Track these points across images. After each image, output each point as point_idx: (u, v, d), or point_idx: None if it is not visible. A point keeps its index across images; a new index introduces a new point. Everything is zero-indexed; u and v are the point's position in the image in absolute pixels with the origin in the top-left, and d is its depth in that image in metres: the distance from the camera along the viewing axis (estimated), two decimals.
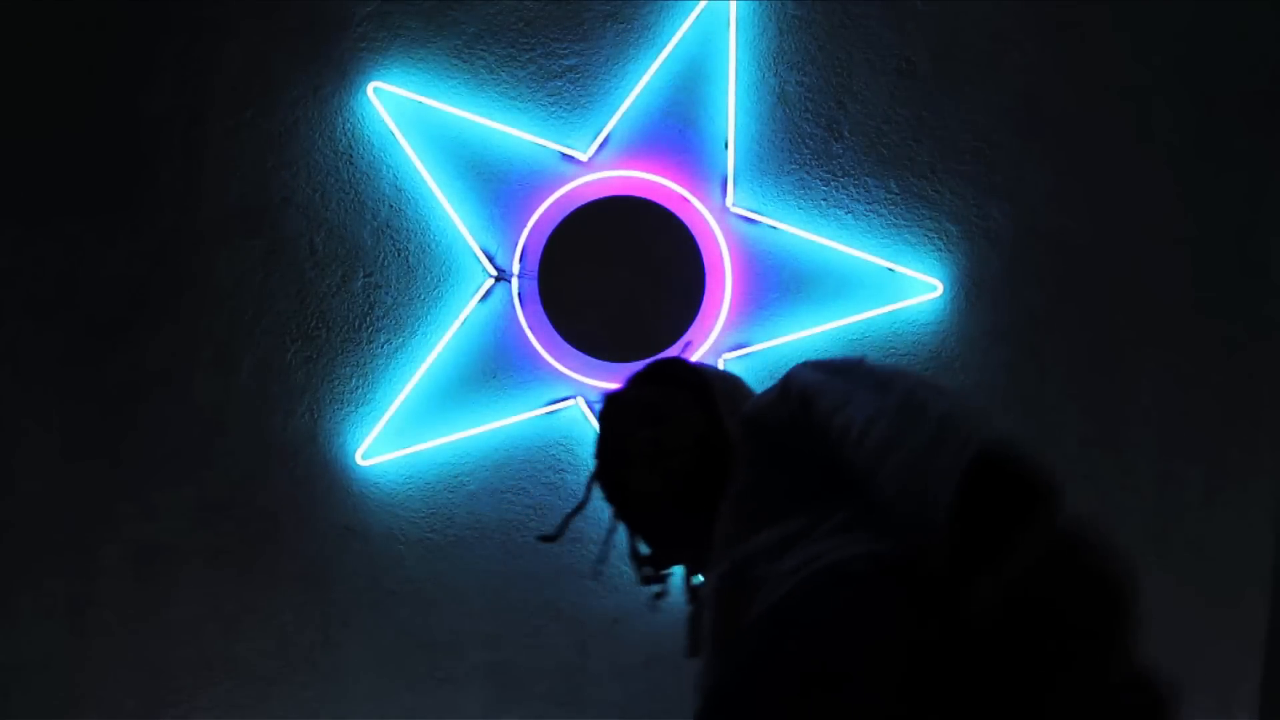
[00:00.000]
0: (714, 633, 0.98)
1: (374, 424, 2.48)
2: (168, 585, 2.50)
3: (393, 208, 2.51)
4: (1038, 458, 0.84)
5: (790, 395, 1.03)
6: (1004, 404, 2.50)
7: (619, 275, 2.51)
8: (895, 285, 2.46)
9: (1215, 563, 2.49)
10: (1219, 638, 2.49)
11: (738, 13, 2.45)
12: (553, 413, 2.50)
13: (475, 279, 2.50)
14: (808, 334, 2.46)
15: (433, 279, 2.51)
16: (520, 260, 2.48)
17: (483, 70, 2.50)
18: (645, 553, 1.29)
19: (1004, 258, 2.50)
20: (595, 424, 1.31)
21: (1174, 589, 2.43)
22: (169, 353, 2.51)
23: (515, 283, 2.48)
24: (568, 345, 2.49)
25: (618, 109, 2.47)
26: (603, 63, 2.50)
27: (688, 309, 2.49)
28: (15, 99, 2.51)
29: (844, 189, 2.50)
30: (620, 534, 1.30)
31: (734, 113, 2.46)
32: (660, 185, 2.46)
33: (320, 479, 2.50)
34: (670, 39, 2.45)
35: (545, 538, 1.39)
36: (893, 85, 2.49)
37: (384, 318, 2.52)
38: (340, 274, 2.51)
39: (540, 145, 2.47)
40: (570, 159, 2.47)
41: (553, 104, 2.50)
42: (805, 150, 2.50)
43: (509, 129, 2.47)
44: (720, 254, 2.47)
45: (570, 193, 2.46)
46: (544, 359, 2.48)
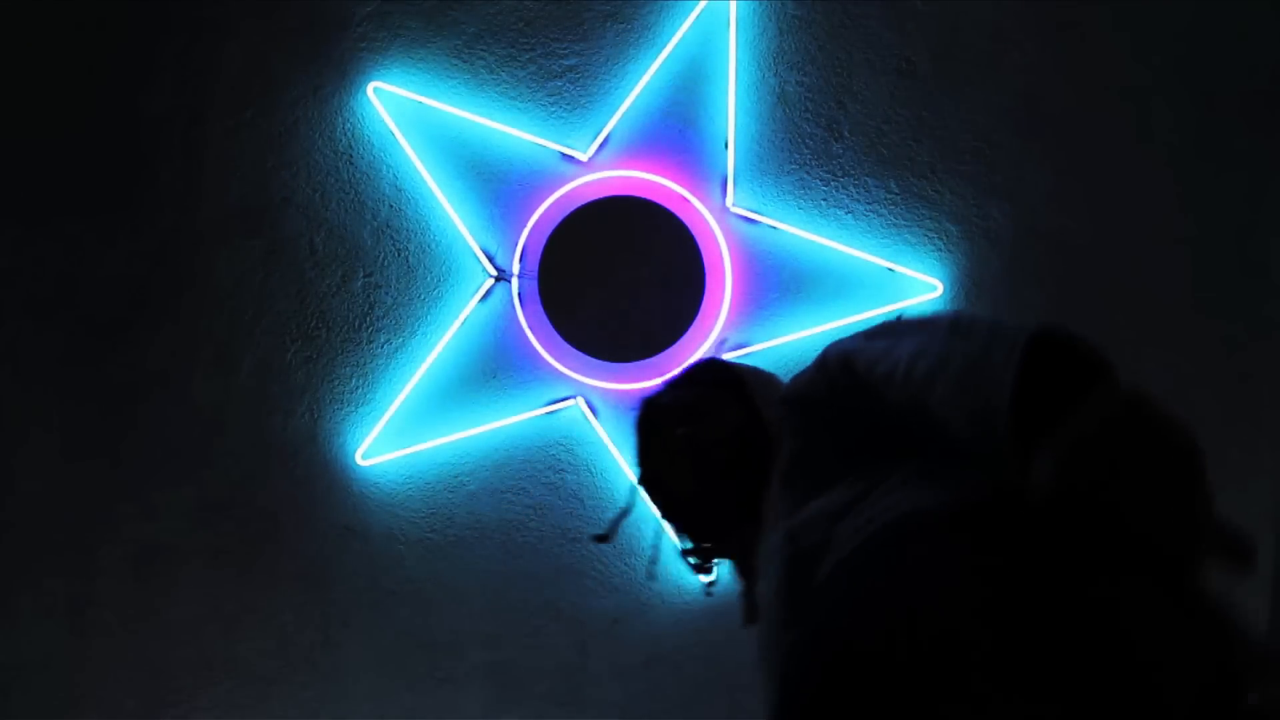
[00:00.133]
0: (781, 599, 0.98)
1: (374, 424, 2.48)
2: (168, 585, 2.50)
3: (393, 208, 2.51)
4: (1090, 341, 0.82)
5: (829, 365, 1.03)
6: None
7: (619, 275, 2.51)
8: (895, 285, 2.46)
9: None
10: None
11: (738, 13, 2.45)
12: (553, 413, 2.50)
13: (475, 279, 2.50)
14: (808, 334, 2.46)
15: (433, 279, 2.51)
16: (520, 260, 2.48)
17: (483, 70, 2.50)
18: (693, 548, 1.31)
19: (1004, 258, 2.50)
20: (633, 432, 1.33)
21: None
22: (169, 353, 2.51)
23: (515, 283, 2.48)
24: (568, 345, 2.49)
25: (618, 109, 2.47)
26: (603, 63, 2.50)
27: (688, 309, 2.49)
28: (15, 99, 2.51)
29: (844, 189, 2.50)
30: (663, 531, 1.33)
31: (734, 113, 2.46)
32: (660, 185, 2.46)
33: (320, 479, 2.50)
34: (670, 39, 2.45)
35: (599, 537, 1.42)
36: (893, 85, 2.49)
37: (384, 318, 2.52)
38: (340, 274, 2.51)
39: (540, 145, 2.47)
40: (570, 159, 2.47)
41: (553, 104, 2.50)
42: (805, 150, 2.50)
43: (509, 129, 2.47)
44: (720, 254, 2.47)
45: (570, 193, 2.46)
46: (544, 359, 2.48)
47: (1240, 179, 2.50)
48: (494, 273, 2.49)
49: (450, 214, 2.48)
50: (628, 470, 2.49)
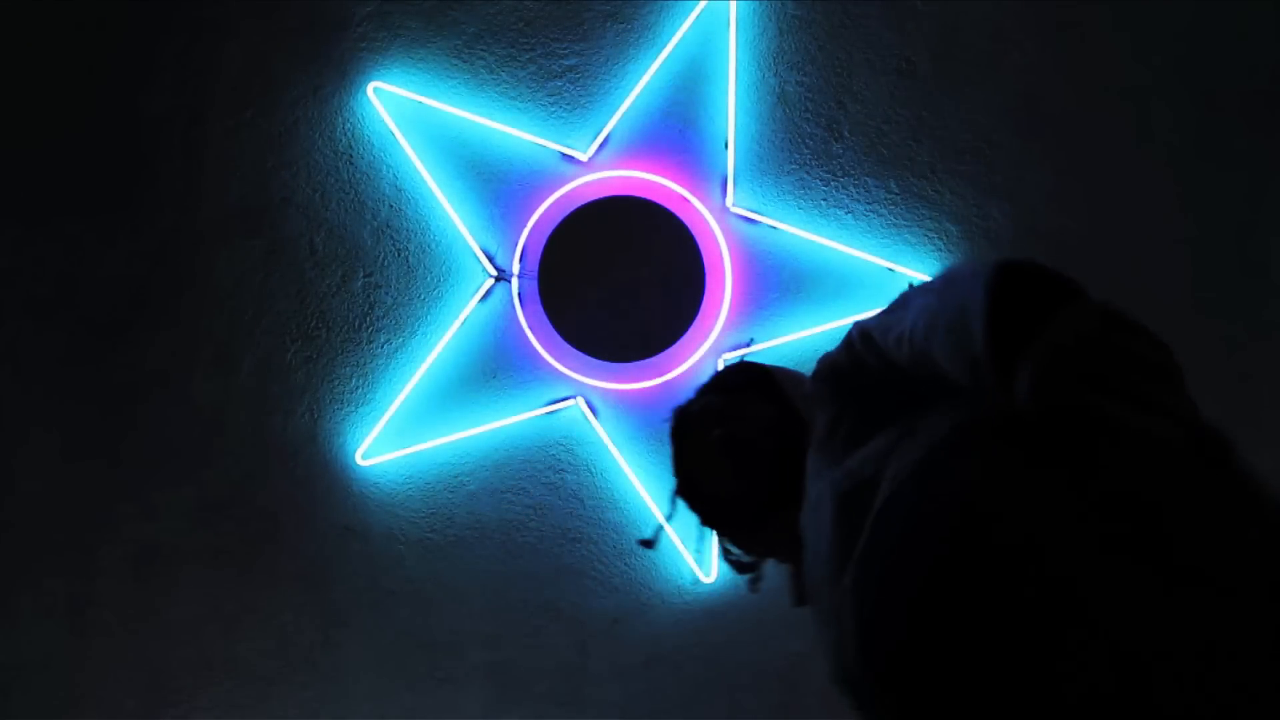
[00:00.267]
0: (837, 543, 0.98)
1: (374, 424, 2.48)
2: (168, 585, 2.50)
3: (393, 208, 2.51)
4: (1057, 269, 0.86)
5: (853, 341, 1.07)
6: None
7: (619, 275, 2.51)
8: (895, 285, 2.46)
9: None
10: None
11: (738, 13, 2.45)
12: (553, 413, 2.50)
13: (475, 279, 2.50)
14: (808, 334, 2.46)
15: (433, 279, 2.51)
16: (520, 260, 2.48)
17: (483, 70, 2.50)
18: (737, 550, 1.32)
19: None
20: (668, 442, 1.35)
21: None
22: (169, 353, 2.51)
23: (515, 283, 2.48)
24: (568, 345, 2.49)
25: (618, 109, 2.47)
26: (603, 63, 2.50)
27: (688, 309, 2.49)
28: (15, 99, 2.51)
29: (844, 189, 2.50)
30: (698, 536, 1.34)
31: (734, 113, 2.46)
32: (660, 185, 2.46)
33: (320, 479, 2.50)
34: (670, 39, 2.45)
35: (644, 542, 1.42)
36: (893, 85, 2.49)
37: (384, 318, 2.52)
38: (340, 274, 2.51)
39: (540, 145, 2.47)
40: (570, 159, 2.47)
41: (553, 104, 2.50)
42: (805, 150, 2.50)
43: (509, 129, 2.47)
44: (720, 254, 2.47)
45: (570, 193, 2.46)
46: (544, 359, 2.48)
47: (1240, 179, 2.50)
48: (494, 273, 2.49)
49: (450, 214, 2.48)
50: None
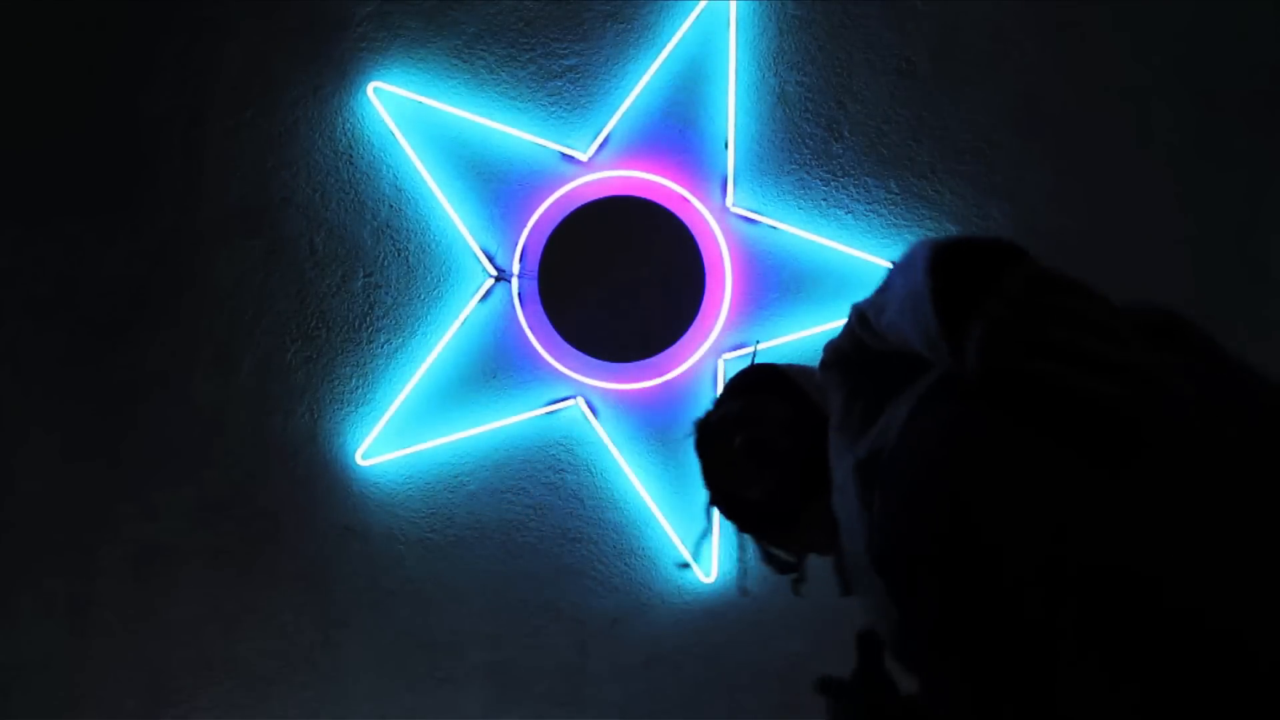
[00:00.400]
0: (865, 524, 0.99)
1: (374, 424, 2.48)
2: (168, 585, 2.50)
3: (393, 208, 2.51)
4: (991, 236, 0.88)
5: (851, 323, 1.10)
6: None
7: (619, 275, 2.51)
8: None
9: None
10: None
11: (738, 13, 2.45)
12: (553, 413, 2.50)
13: (475, 279, 2.50)
14: (808, 334, 2.46)
15: (433, 279, 2.51)
16: (520, 260, 2.48)
17: (483, 70, 2.50)
18: (778, 551, 1.33)
19: None
20: (696, 457, 1.36)
21: None
22: (169, 353, 2.51)
23: (515, 283, 2.48)
24: (568, 345, 2.49)
25: (618, 109, 2.47)
26: (603, 63, 2.50)
27: (688, 309, 2.49)
28: (15, 99, 2.51)
29: (844, 189, 2.50)
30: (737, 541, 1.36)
31: (734, 113, 2.46)
32: (660, 185, 2.46)
33: (320, 479, 2.50)
34: (670, 39, 2.45)
35: (684, 565, 1.42)
36: (893, 85, 2.49)
37: (384, 318, 2.52)
38: (340, 274, 2.51)
39: (540, 145, 2.47)
40: (570, 159, 2.47)
41: (553, 104, 2.50)
42: (805, 150, 2.50)
43: (509, 129, 2.47)
44: (720, 254, 2.47)
45: (570, 193, 2.46)
46: (544, 359, 2.48)
47: (1240, 179, 2.50)
48: (494, 273, 2.49)
49: (450, 214, 2.48)
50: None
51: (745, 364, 1.45)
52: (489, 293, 2.49)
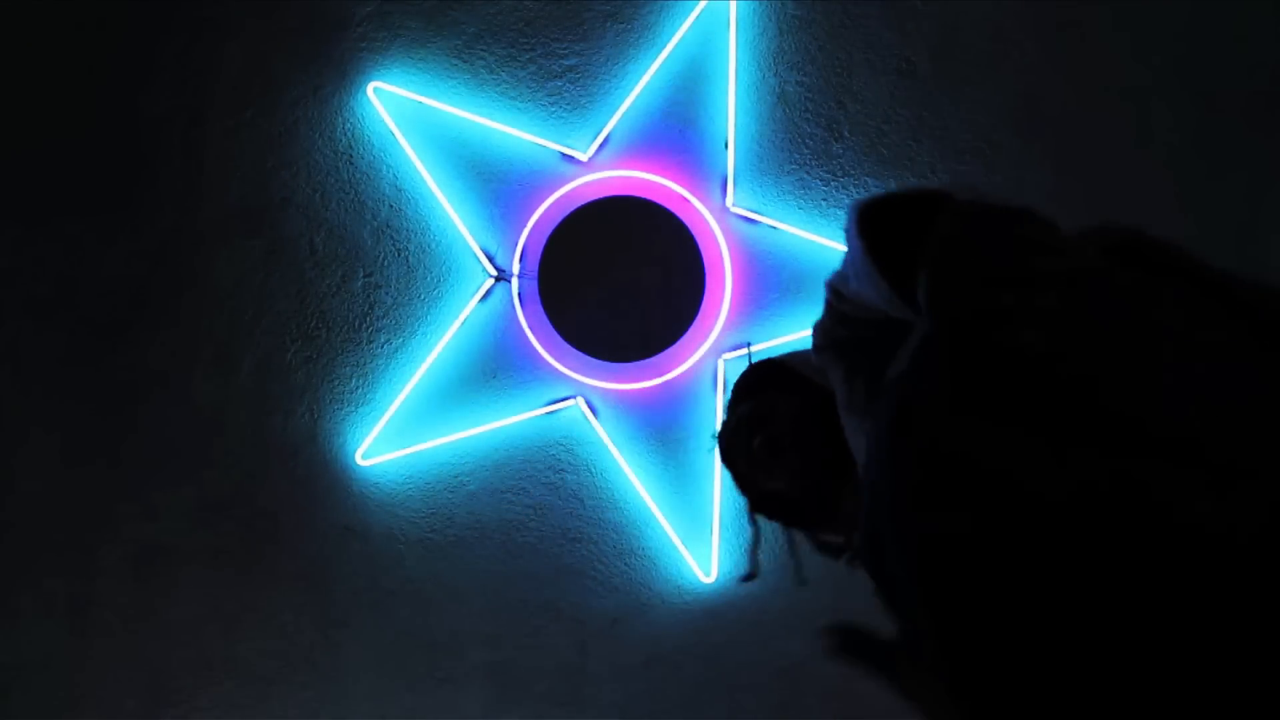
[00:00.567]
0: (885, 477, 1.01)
1: (374, 424, 2.48)
2: (168, 585, 2.50)
3: (393, 208, 2.51)
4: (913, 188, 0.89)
5: (827, 299, 1.13)
6: None
7: (619, 275, 2.51)
8: None
9: None
10: None
11: (738, 13, 2.45)
12: (553, 413, 2.50)
13: (475, 279, 2.50)
14: (808, 334, 2.45)
15: (433, 279, 2.51)
16: (520, 260, 2.48)
17: (483, 70, 2.50)
18: (827, 535, 1.34)
19: None
20: (726, 469, 1.39)
21: None
22: (169, 353, 2.51)
23: (515, 283, 2.48)
24: (568, 345, 2.49)
25: (618, 109, 2.47)
26: (603, 63, 2.50)
27: (688, 309, 2.49)
28: (15, 99, 2.51)
29: (844, 189, 2.50)
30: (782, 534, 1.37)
31: (734, 113, 2.46)
32: (660, 185, 2.46)
33: (320, 479, 2.50)
34: (670, 39, 2.45)
35: (745, 578, 1.43)
36: (893, 85, 2.49)
37: (384, 318, 2.52)
38: (340, 274, 2.51)
39: (540, 145, 2.47)
40: (570, 159, 2.47)
41: (553, 104, 2.50)
42: (805, 150, 2.50)
43: (509, 129, 2.47)
44: (720, 254, 2.47)
45: (570, 193, 2.46)
46: (544, 359, 2.48)
47: (1240, 179, 2.50)
48: (494, 273, 2.49)
49: (450, 214, 2.48)
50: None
51: (744, 365, 1.46)
52: (489, 293, 2.50)
